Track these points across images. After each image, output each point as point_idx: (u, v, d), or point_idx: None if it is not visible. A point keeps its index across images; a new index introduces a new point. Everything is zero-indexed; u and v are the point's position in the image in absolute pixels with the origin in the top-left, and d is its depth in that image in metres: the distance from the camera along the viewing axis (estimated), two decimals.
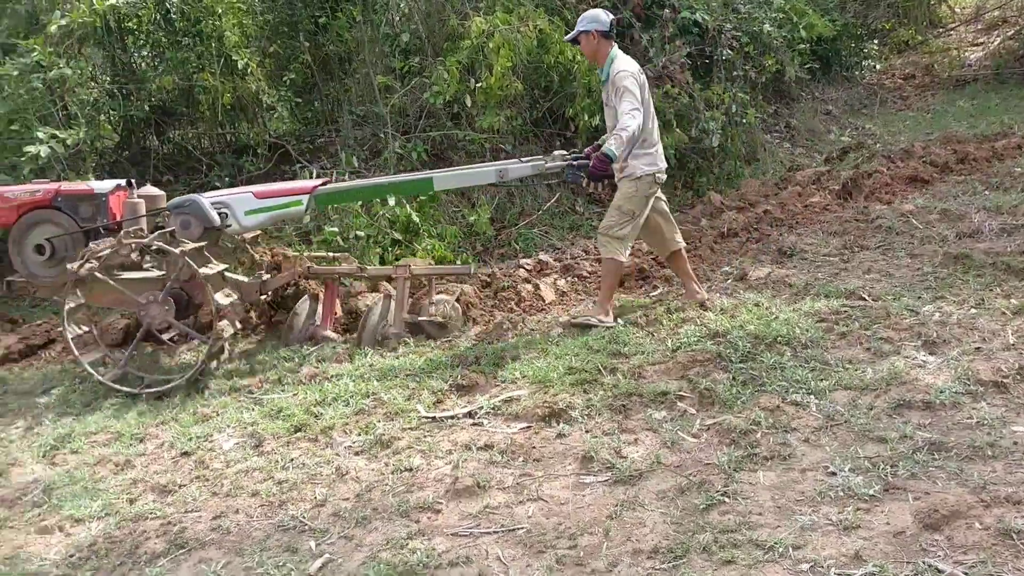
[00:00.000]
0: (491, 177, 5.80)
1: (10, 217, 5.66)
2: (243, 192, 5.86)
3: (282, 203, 5.80)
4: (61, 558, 3.32)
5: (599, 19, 5.41)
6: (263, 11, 8.06)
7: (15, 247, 5.69)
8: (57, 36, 7.08)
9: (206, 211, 5.59)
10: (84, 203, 5.71)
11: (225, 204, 5.73)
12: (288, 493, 3.59)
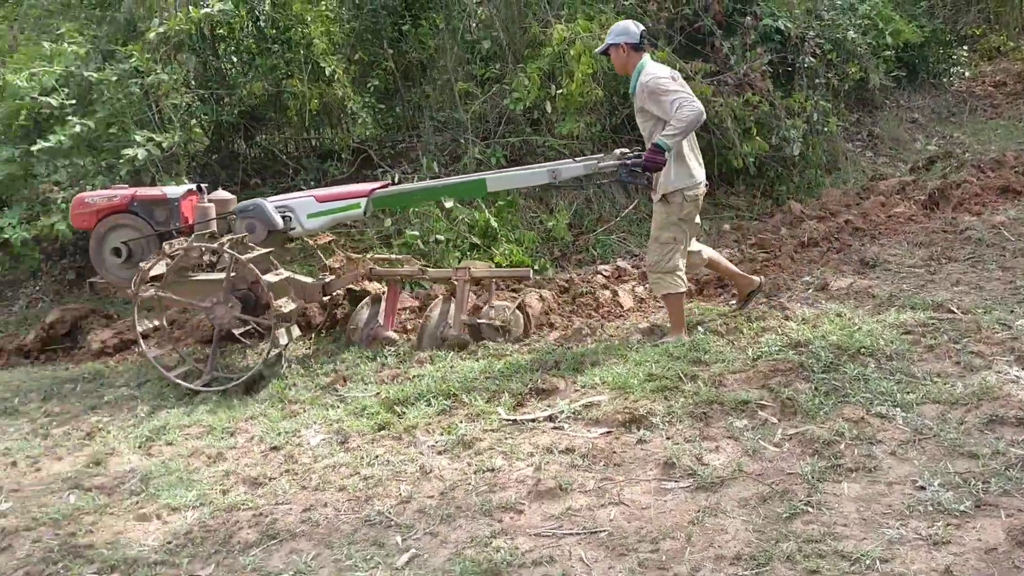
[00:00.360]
0: (544, 178, 5.77)
1: (90, 221, 5.95)
2: (306, 196, 6.06)
3: (342, 206, 5.98)
4: (159, 544, 3.47)
5: (629, 31, 5.31)
6: (349, 19, 8.24)
7: (95, 250, 5.98)
8: (154, 43, 7.37)
9: (270, 215, 5.82)
10: (158, 207, 5.94)
11: (289, 208, 5.95)
12: (374, 489, 3.68)
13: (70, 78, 7.18)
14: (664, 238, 5.27)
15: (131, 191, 5.99)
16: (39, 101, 6.99)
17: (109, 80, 7.04)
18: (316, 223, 6.01)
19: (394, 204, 6.74)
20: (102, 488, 4.08)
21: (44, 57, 7.31)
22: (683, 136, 5.06)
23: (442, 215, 7.41)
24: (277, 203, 5.98)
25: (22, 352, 6.91)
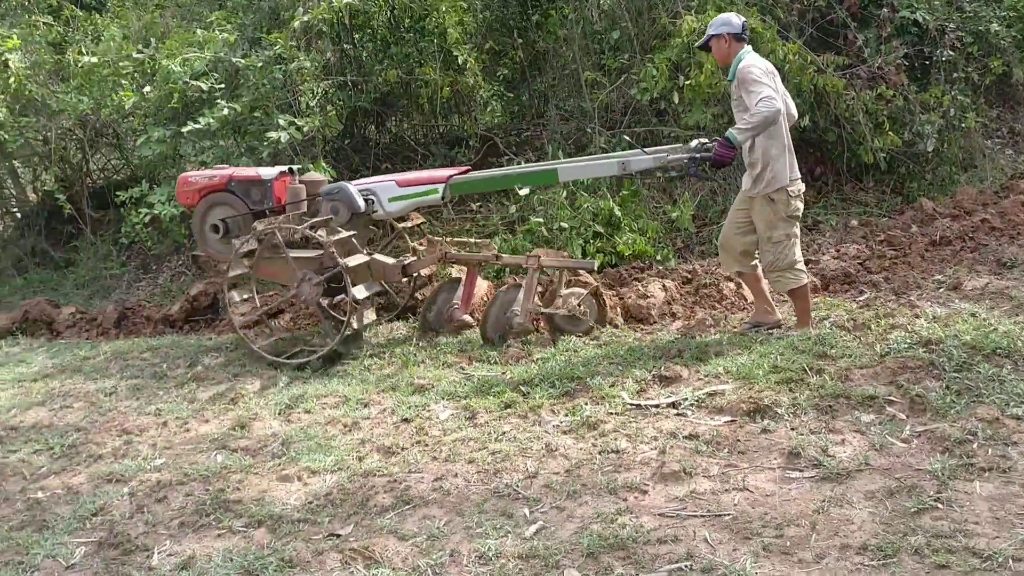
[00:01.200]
0: (614, 169, 5.82)
1: (193, 199, 6.44)
2: (388, 180, 6.31)
3: (422, 191, 6.19)
4: (301, 504, 3.70)
5: (731, 22, 5.22)
6: (482, 9, 8.42)
7: (197, 226, 6.46)
8: (297, 31, 7.70)
9: (353, 197, 6.08)
10: (254, 188, 6.33)
11: (372, 191, 6.21)
12: (502, 463, 3.83)
13: (219, 64, 7.59)
14: (777, 236, 5.18)
15: (229, 171, 6.41)
16: (190, 85, 7.42)
17: (254, 66, 7.40)
18: (397, 206, 6.25)
19: (471, 189, 6.81)
20: (247, 450, 4.37)
21: (195, 43, 7.73)
22: (754, 132, 4.98)
23: (566, 203, 7.52)
24: (361, 186, 6.23)
25: (168, 322, 7.41)
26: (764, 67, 5.10)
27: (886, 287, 6.08)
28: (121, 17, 9.24)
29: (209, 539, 3.48)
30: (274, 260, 5.95)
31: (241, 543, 3.40)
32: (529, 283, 5.78)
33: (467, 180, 6.31)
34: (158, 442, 4.62)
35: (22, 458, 4.57)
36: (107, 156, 10.48)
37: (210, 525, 3.60)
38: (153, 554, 3.40)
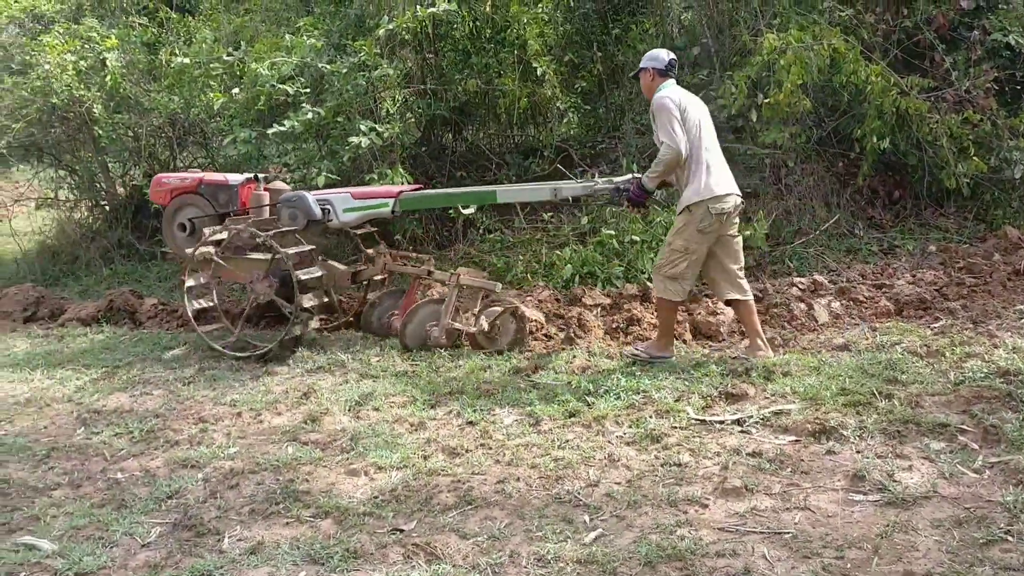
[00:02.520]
0: (547, 194, 6.23)
1: (165, 199, 6.93)
2: (344, 192, 6.66)
3: (374, 204, 6.57)
4: (367, 497, 3.79)
5: (659, 58, 5.57)
6: (562, 22, 8.50)
7: (167, 224, 6.96)
8: (382, 39, 7.87)
9: (310, 206, 6.42)
10: (221, 192, 6.77)
11: (329, 201, 6.53)
12: (564, 470, 3.88)
13: (305, 68, 7.80)
14: (676, 244, 5.34)
15: (200, 175, 6.91)
16: (277, 88, 7.63)
17: (339, 72, 7.58)
18: (351, 216, 6.57)
19: (418, 205, 7.03)
20: (317, 443, 4.49)
21: (284, 48, 7.95)
22: (662, 178, 5.39)
23: (639, 217, 7.54)
24: (319, 196, 6.55)
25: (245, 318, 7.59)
26: (677, 100, 5.34)
27: (963, 315, 5.96)
28: (212, 20, 9.55)
29: (278, 527, 3.59)
30: (233, 260, 6.38)
31: (308, 532, 3.51)
32: (448, 300, 6.05)
33: (415, 196, 6.64)
34: (232, 431, 4.77)
35: (104, 440, 4.76)
36: (194, 154, 10.81)
37: (279, 513, 3.72)
38: (224, 538, 3.52)
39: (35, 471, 4.37)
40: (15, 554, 3.45)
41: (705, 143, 5.37)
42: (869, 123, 7.96)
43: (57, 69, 9.14)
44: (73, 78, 9.17)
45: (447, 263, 8.28)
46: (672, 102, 5.31)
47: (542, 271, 7.54)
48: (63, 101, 9.28)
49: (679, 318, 6.11)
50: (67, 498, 4.02)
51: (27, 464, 4.46)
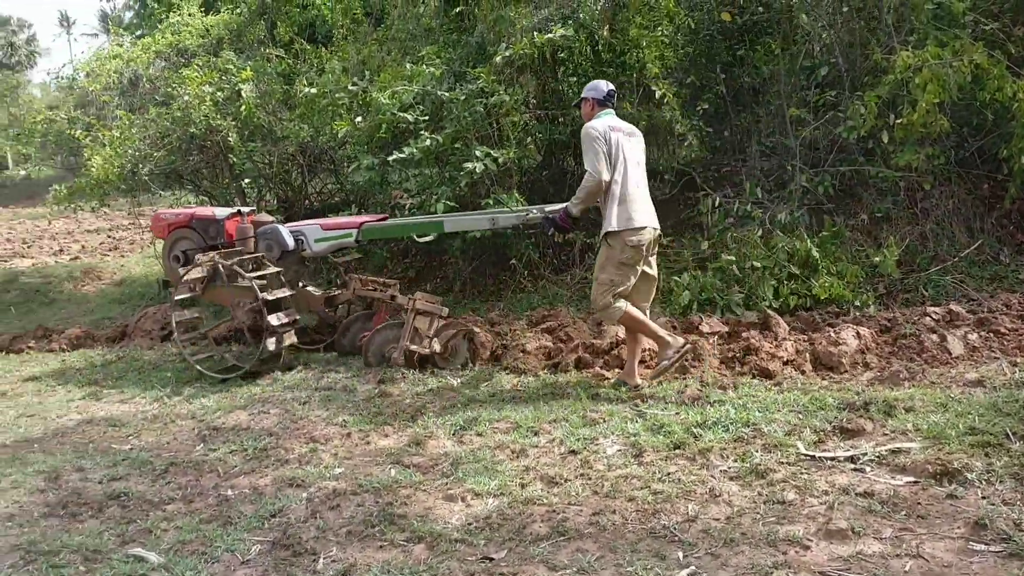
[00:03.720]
0: (485, 224, 6.69)
1: (163, 232, 7.65)
2: (314, 224, 7.33)
3: (340, 234, 7.14)
4: (461, 524, 3.78)
5: (598, 88, 5.83)
6: (684, 44, 8.36)
7: (165, 256, 7.65)
8: (500, 66, 7.95)
9: (283, 237, 7.07)
10: (211, 225, 7.39)
11: (302, 232, 7.20)
12: (662, 504, 3.76)
13: (426, 96, 7.96)
14: (602, 279, 5.59)
15: (192, 211, 7.60)
16: (397, 116, 7.81)
17: (458, 99, 7.70)
18: (322, 246, 7.19)
19: (379, 235, 7.45)
20: (419, 466, 4.51)
21: (405, 77, 8.14)
22: (584, 204, 5.65)
23: (760, 242, 7.31)
24: (292, 228, 7.23)
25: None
26: (604, 131, 5.55)
27: None
28: (342, 51, 9.87)
29: (371, 549, 3.61)
30: (218, 287, 6.90)
31: (400, 556, 3.51)
32: (407, 324, 6.50)
33: (376, 227, 7.14)
34: (340, 452, 4.86)
35: (219, 457, 4.93)
36: (324, 180, 11.19)
37: (374, 536, 3.74)
38: (319, 559, 3.57)
39: (153, 485, 4.56)
40: (125, 565, 3.59)
41: (630, 174, 5.58)
42: (1017, 143, 7.47)
43: (196, 100, 9.66)
44: (211, 108, 9.66)
45: (563, 287, 8.26)
46: (598, 132, 5.55)
47: (659, 297, 7.39)
48: (201, 130, 9.80)
49: (799, 347, 5.89)
50: (179, 512, 4.17)
51: (147, 478, 4.66)
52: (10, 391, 7.00)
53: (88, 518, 4.15)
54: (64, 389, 6.91)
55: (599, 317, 5.80)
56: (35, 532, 3.99)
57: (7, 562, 3.69)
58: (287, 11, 11.51)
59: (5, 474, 4.79)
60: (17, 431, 5.77)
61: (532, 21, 8.01)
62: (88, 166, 10.44)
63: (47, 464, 4.92)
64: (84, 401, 6.48)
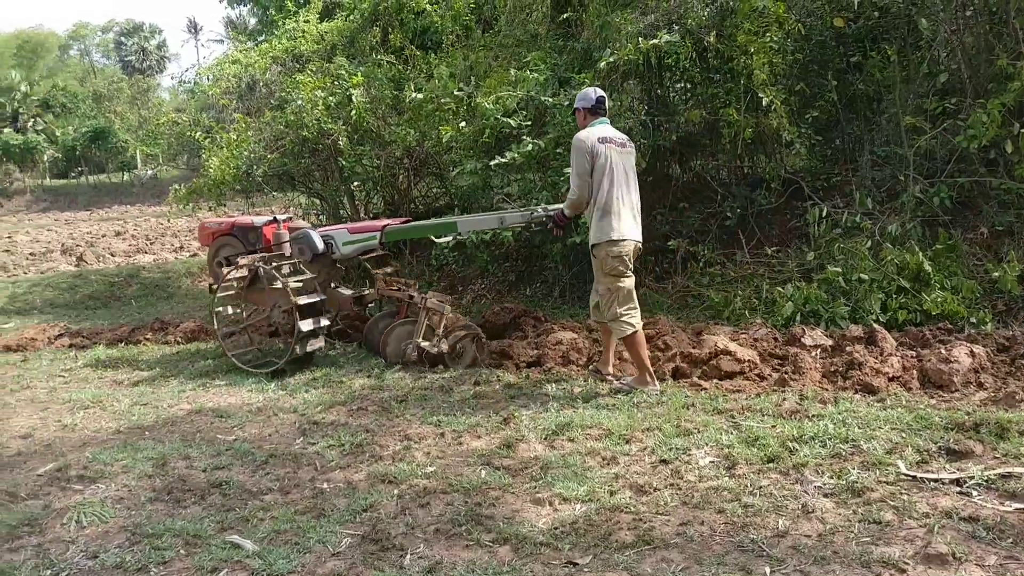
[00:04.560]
0: (494, 223, 6.92)
1: (208, 240, 8.25)
2: (342, 228, 7.74)
3: (365, 237, 7.52)
4: (547, 528, 3.78)
5: (588, 97, 6.01)
6: (794, 50, 8.18)
7: (209, 261, 8.19)
8: (605, 71, 7.93)
9: (314, 241, 7.49)
10: (250, 232, 7.88)
11: (331, 236, 7.61)
12: (752, 518, 3.68)
13: (529, 102, 8.00)
14: (601, 289, 5.89)
15: (232, 219, 8.09)
16: (501, 121, 7.88)
17: (561, 105, 7.72)
18: (349, 249, 7.57)
19: (398, 237, 7.80)
20: (508, 469, 4.53)
21: (510, 83, 8.21)
22: (571, 213, 6.01)
23: (868, 254, 7.08)
24: (323, 232, 7.67)
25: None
26: (591, 145, 5.73)
27: None
28: (451, 57, 10.01)
29: (458, 548, 3.65)
30: (258, 289, 7.24)
31: (485, 556, 3.54)
32: (419, 322, 6.87)
33: (397, 229, 7.53)
34: (432, 451, 4.92)
35: (317, 451, 5.06)
36: (429, 184, 11.38)
37: (461, 535, 3.77)
38: (407, 555, 3.62)
39: (253, 475, 4.71)
40: (222, 551, 3.72)
41: (615, 188, 5.74)
42: None
43: (309, 104, 9.96)
44: (323, 113, 9.94)
45: (663, 295, 8.18)
46: (586, 147, 5.73)
47: (762, 308, 7.27)
48: (313, 134, 10.09)
49: (907, 364, 5.69)
50: (275, 503, 4.30)
51: (248, 468, 4.82)
52: (126, 380, 7.35)
53: (191, 504, 4.32)
54: (176, 380, 7.21)
55: (613, 328, 5.88)
56: (141, 515, 4.18)
57: (115, 542, 3.88)
58: (400, 18, 11.74)
59: (117, 459, 5.03)
60: (130, 418, 6.06)
61: (638, 27, 7.94)
62: (207, 167, 10.89)
63: (156, 451, 5.14)
64: (194, 392, 6.75)
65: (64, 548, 3.85)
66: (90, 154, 42.99)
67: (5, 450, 5.46)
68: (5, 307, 12.85)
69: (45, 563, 3.71)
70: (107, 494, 4.48)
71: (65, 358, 8.49)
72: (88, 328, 9.92)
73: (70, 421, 6.06)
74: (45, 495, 4.54)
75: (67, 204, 37.88)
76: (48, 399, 6.81)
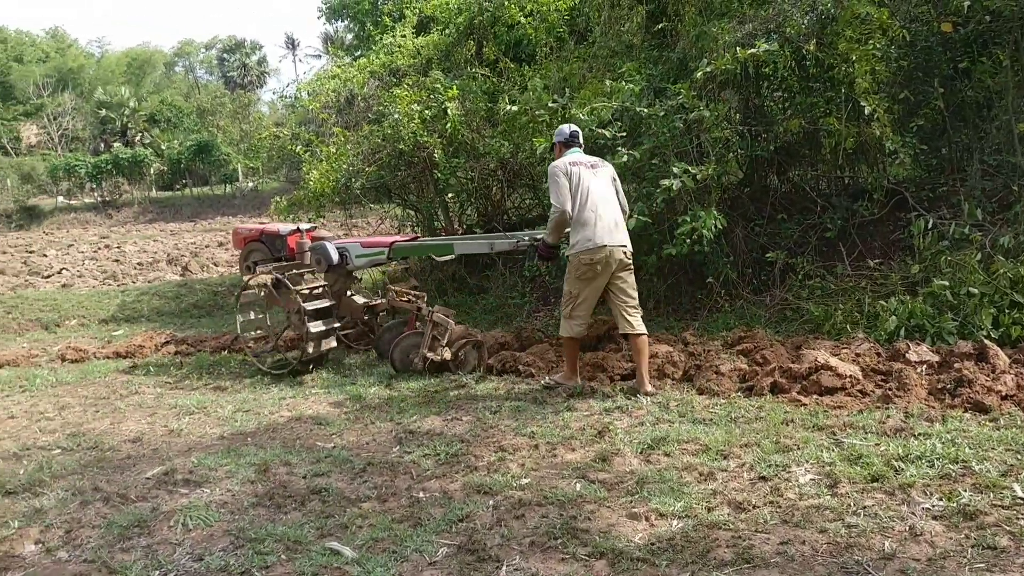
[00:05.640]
0: (485, 248, 7.60)
1: (240, 245, 9.06)
2: (355, 241, 8.31)
3: (375, 251, 8.04)
4: (643, 543, 3.74)
5: (562, 132, 6.63)
6: (898, 57, 7.95)
7: (241, 265, 9.12)
8: (701, 81, 7.85)
9: (329, 253, 8.01)
10: (276, 240, 8.70)
11: (346, 249, 8.14)
12: (856, 538, 3.58)
13: (624, 113, 7.97)
14: (565, 290, 6.45)
15: (261, 227, 8.92)
16: (596, 132, 7.86)
17: (657, 115, 7.67)
18: (362, 261, 8.13)
19: (406, 254, 8.34)
20: (603, 483, 4.51)
21: (604, 94, 8.19)
22: (553, 236, 6.39)
23: (979, 266, 6.81)
24: (338, 244, 8.18)
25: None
26: (565, 168, 6.28)
27: None
28: (545, 68, 10.05)
29: (553, 561, 3.64)
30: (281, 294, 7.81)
31: (581, 570, 3.52)
32: (426, 334, 7.30)
33: (404, 246, 8.08)
34: (527, 463, 4.93)
35: (413, 460, 5.12)
36: (522, 195, 11.43)
37: (557, 548, 3.77)
38: (502, 566, 3.63)
39: (352, 482, 4.80)
40: (322, 557, 3.80)
41: (589, 202, 6.19)
42: None
43: (405, 118, 10.13)
44: (419, 126, 10.10)
45: (762, 308, 8.03)
46: (560, 170, 6.27)
47: (863, 322, 7.06)
48: (409, 147, 10.26)
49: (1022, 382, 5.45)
50: (373, 510, 4.36)
51: (346, 475, 4.91)
52: (229, 387, 7.58)
53: (291, 510, 4.42)
54: (277, 387, 7.40)
55: (561, 326, 6.49)
56: (244, 520, 4.30)
57: (219, 545, 4.00)
58: (494, 31, 11.85)
59: (221, 464, 5.19)
60: (234, 424, 6.24)
61: (735, 36, 7.84)
62: (307, 180, 11.16)
63: (258, 457, 5.28)
64: (294, 399, 6.92)
65: (171, 550, 3.99)
66: (194, 167, 44.52)
67: (116, 453, 5.69)
68: (115, 315, 13.41)
69: (153, 564, 3.84)
70: (211, 498, 4.62)
71: (171, 365, 8.81)
72: (193, 336, 10.27)
73: (176, 426, 6.28)
74: (153, 498, 4.71)
75: (172, 215, 39.31)
76: (155, 404, 7.07)
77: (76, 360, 9.56)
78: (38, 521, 4.44)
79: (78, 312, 13.68)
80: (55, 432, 6.34)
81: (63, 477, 5.17)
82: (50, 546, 4.12)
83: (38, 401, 7.49)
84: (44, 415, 6.92)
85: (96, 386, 8.06)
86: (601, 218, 6.19)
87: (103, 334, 12.02)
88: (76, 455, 5.69)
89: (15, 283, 18.08)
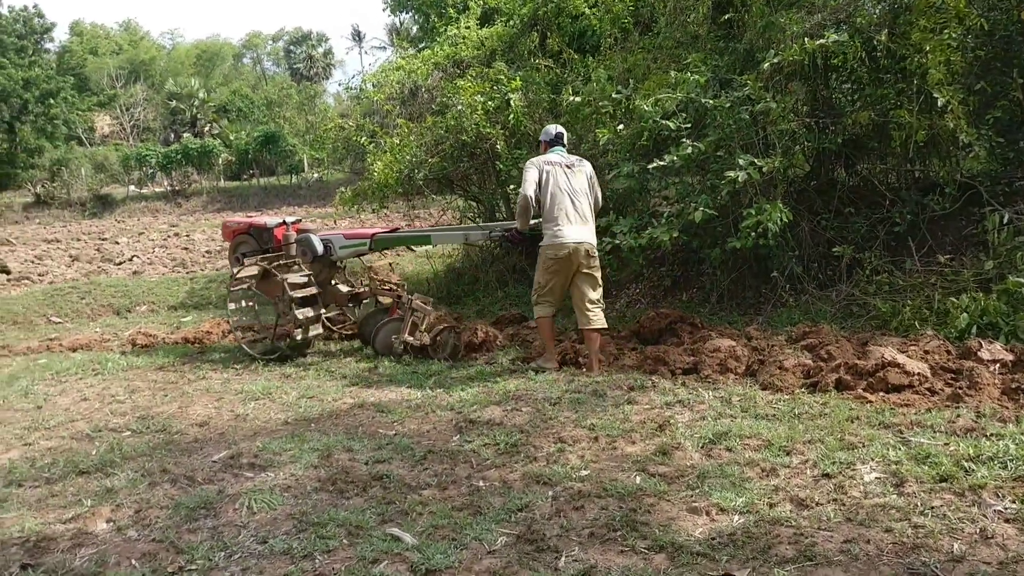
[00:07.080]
0: (460, 238, 8.47)
1: (230, 237, 9.27)
2: (339, 233, 8.74)
3: (358, 242, 8.54)
4: (704, 537, 3.71)
5: (547, 132, 7.25)
6: (975, 47, 7.72)
7: (230, 256, 9.42)
8: (767, 72, 7.72)
9: (314, 244, 8.51)
10: (263, 232, 8.80)
11: (330, 240, 8.62)
12: (923, 539, 3.50)
13: (689, 104, 7.89)
14: (536, 278, 7.03)
15: (249, 220, 9.08)
16: (659, 124, 7.80)
17: (723, 107, 7.57)
18: (345, 252, 8.64)
19: (386, 246, 8.76)
20: (664, 476, 4.48)
21: (669, 85, 8.11)
22: (520, 219, 7.02)
23: None
24: (322, 235, 8.63)
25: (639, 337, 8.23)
26: (540, 166, 6.91)
27: None
28: (608, 59, 9.99)
29: (612, 553, 3.64)
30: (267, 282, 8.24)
31: (640, 563, 3.51)
32: (406, 320, 7.85)
33: (385, 237, 8.51)
34: (586, 455, 4.93)
35: (473, 448, 5.15)
36: None
37: (616, 540, 3.76)
38: (561, 556, 3.64)
39: (412, 470, 4.85)
40: (383, 542, 3.85)
41: (558, 200, 6.77)
42: None
43: (468, 109, 10.16)
44: (481, 117, 10.13)
45: (827, 303, 7.90)
46: (534, 165, 6.91)
47: (933, 319, 6.90)
48: (472, 138, 10.29)
49: None
50: (433, 498, 4.40)
51: (407, 463, 4.97)
52: (294, 374, 7.72)
53: (353, 496, 4.48)
54: (339, 374, 7.51)
55: (534, 308, 7.07)
56: (307, 504, 4.37)
57: (283, 529, 4.08)
58: (558, 22, 11.81)
59: (285, 449, 5.28)
60: (298, 410, 6.35)
61: (804, 26, 7.70)
62: (371, 171, 11.27)
63: (321, 443, 5.37)
64: (357, 387, 7.01)
65: (236, 532, 4.07)
66: (261, 157, 45.26)
67: (184, 436, 5.83)
68: (183, 302, 13.74)
69: (219, 545, 3.93)
70: (276, 482, 4.71)
71: (237, 351, 8.99)
72: None
73: (242, 411, 6.42)
74: (219, 480, 4.82)
75: (240, 205, 40.07)
76: (222, 389, 7.23)
77: (146, 345, 9.82)
78: (109, 500, 4.57)
79: (148, 298, 14.06)
80: (126, 415, 6.53)
81: (133, 459, 5.32)
82: (120, 525, 4.25)
83: (110, 384, 7.72)
84: (115, 398, 7.12)
85: (165, 371, 8.27)
86: (568, 216, 6.78)
87: (172, 320, 12.33)
88: (145, 437, 5.85)
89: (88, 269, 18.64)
